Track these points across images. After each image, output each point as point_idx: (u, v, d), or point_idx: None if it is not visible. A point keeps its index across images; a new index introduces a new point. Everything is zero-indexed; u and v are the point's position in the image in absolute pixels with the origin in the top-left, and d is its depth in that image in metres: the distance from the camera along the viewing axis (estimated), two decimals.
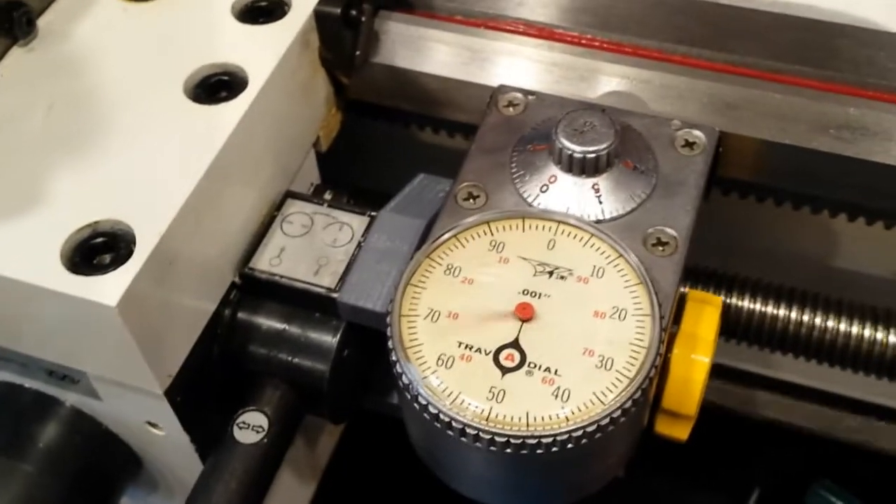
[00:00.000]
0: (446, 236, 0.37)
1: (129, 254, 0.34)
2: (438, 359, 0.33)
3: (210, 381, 0.40)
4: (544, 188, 0.38)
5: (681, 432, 0.39)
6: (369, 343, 0.40)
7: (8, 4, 0.40)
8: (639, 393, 0.32)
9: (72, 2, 0.43)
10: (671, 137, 0.40)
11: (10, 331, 0.38)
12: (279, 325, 0.41)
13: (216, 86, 0.40)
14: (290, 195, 0.43)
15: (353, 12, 0.43)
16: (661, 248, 0.37)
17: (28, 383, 0.42)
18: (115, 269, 0.34)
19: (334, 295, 0.39)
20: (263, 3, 0.43)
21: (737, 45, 0.43)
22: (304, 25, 0.42)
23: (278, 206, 0.42)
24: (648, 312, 0.34)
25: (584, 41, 0.45)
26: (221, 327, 0.40)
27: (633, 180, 0.38)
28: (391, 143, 0.51)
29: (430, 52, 0.45)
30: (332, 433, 0.57)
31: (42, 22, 0.42)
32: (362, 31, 0.44)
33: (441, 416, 0.32)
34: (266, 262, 0.41)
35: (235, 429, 0.40)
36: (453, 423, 0.32)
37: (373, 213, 0.42)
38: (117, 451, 0.43)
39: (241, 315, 0.41)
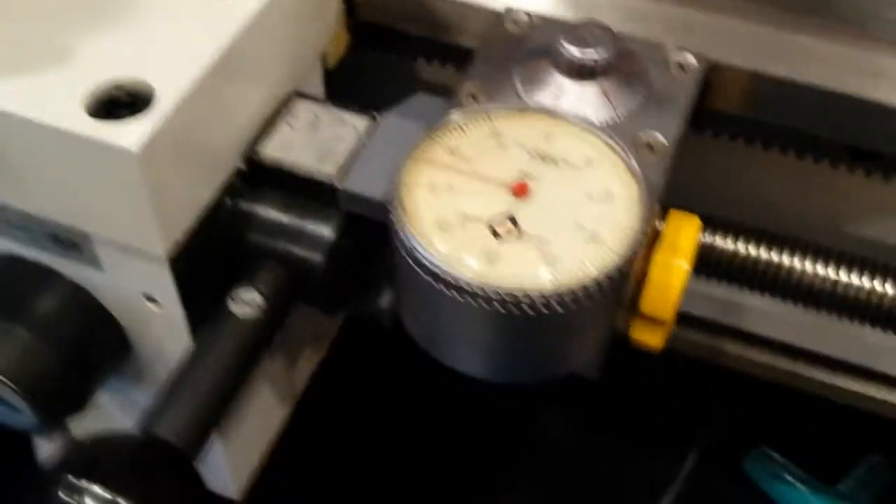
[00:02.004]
0: (449, 120, 0.39)
1: (148, 108, 0.36)
2: (437, 224, 0.35)
3: (209, 261, 0.42)
4: (548, 93, 0.40)
5: (656, 339, 0.41)
6: (365, 238, 0.42)
7: None
8: (624, 265, 0.34)
9: None
10: (664, 60, 0.42)
11: (21, 184, 0.39)
12: (279, 212, 0.42)
13: None
14: (296, 94, 0.45)
15: None
16: (649, 150, 0.39)
17: (29, 253, 0.43)
18: (135, 119, 0.36)
19: (336, 183, 0.41)
20: None
21: None
22: None
23: (285, 104, 0.44)
24: (637, 198, 0.36)
25: None
26: (224, 210, 0.42)
27: (628, 90, 0.40)
28: (396, 74, 0.53)
29: None
30: (311, 358, 0.58)
31: None
32: None
33: (440, 274, 0.34)
34: (271, 150, 0.42)
35: (230, 302, 0.41)
36: (451, 282, 0.34)
37: (376, 115, 0.44)
38: (111, 331, 0.44)
39: (243, 200, 0.42)
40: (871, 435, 0.65)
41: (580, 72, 0.40)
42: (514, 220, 0.35)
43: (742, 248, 0.43)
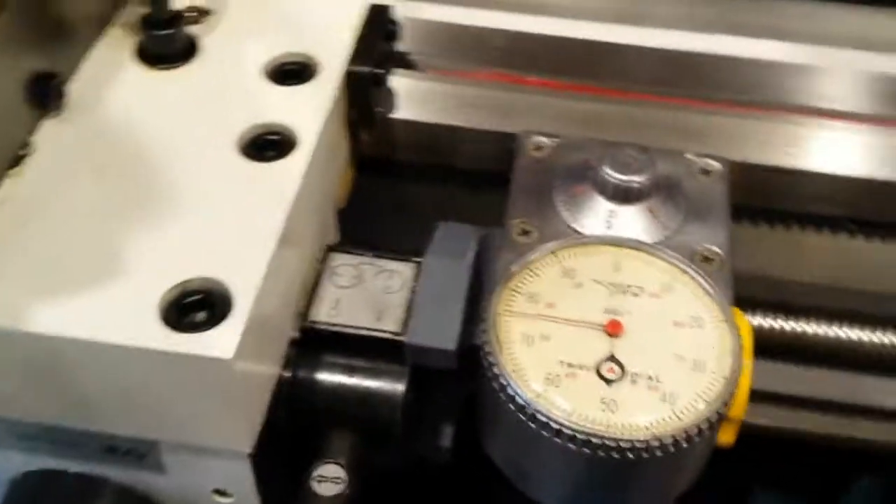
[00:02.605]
0: (517, 268, 0.39)
1: (228, 308, 0.34)
2: (546, 378, 0.35)
3: (278, 441, 0.40)
4: (594, 219, 0.41)
5: (728, 437, 0.42)
6: (422, 384, 0.41)
7: (42, 75, 0.40)
8: (733, 391, 0.35)
9: (96, 71, 0.43)
10: (688, 167, 0.44)
11: (85, 405, 0.36)
12: (344, 377, 0.41)
13: (265, 145, 0.40)
14: (331, 249, 0.44)
15: (380, 71, 0.45)
16: (708, 263, 0.40)
17: (74, 466, 0.40)
18: (218, 323, 0.34)
19: (402, 338, 0.40)
20: (293, 66, 0.44)
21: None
22: (338, 85, 0.43)
23: (322, 261, 0.43)
24: (723, 318, 0.37)
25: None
26: (285, 385, 0.40)
27: (671, 205, 0.41)
28: (395, 199, 0.53)
29: (440, 104, 0.48)
30: None
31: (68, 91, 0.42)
32: (384, 89, 0.46)
33: (563, 430, 0.34)
34: (325, 314, 0.41)
35: (314, 483, 0.39)
36: (577, 436, 0.34)
37: (417, 259, 0.43)
38: None
39: (301, 371, 0.41)
40: (858, 462, 0.68)
41: (627, 195, 0.41)
42: (617, 361, 0.36)
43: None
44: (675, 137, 0.46)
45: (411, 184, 0.50)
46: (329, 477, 0.39)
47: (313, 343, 0.41)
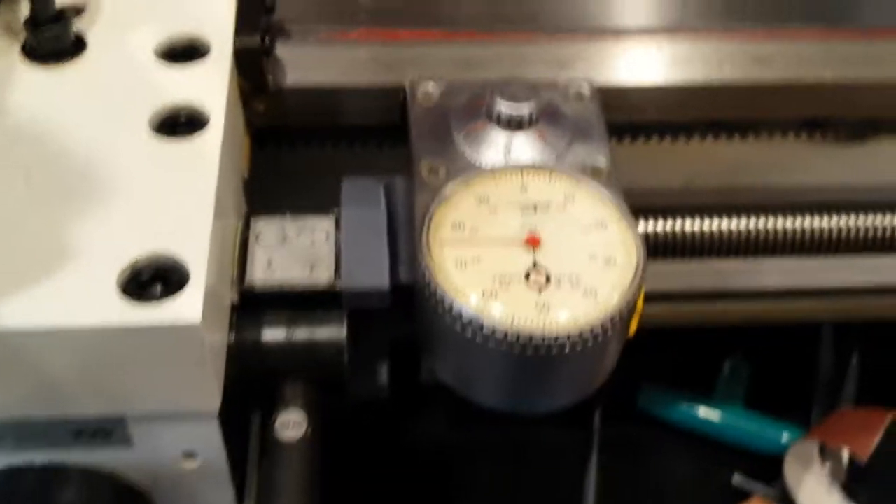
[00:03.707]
0: (436, 203, 0.42)
1: (183, 278, 0.36)
2: (483, 294, 0.39)
3: (234, 399, 0.42)
4: (493, 150, 0.45)
5: (633, 327, 0.47)
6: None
7: None
8: (643, 280, 0.40)
9: None
10: (563, 93, 0.48)
11: (53, 392, 0.37)
12: (287, 331, 0.43)
13: (176, 124, 0.42)
14: (251, 215, 0.46)
15: (267, 41, 0.47)
16: (598, 175, 0.45)
17: (40, 456, 0.41)
18: (176, 293, 0.36)
19: (337, 285, 0.43)
20: (183, 46, 0.45)
21: None
22: (231, 60, 0.45)
23: (245, 227, 0.45)
24: (622, 218, 0.42)
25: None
26: (235, 346, 0.42)
27: (558, 128, 0.46)
28: (294, 164, 0.55)
29: (326, 67, 0.50)
30: None
31: None
32: (271, 59, 0.48)
33: (507, 335, 0.38)
34: (261, 276, 0.43)
35: (278, 431, 0.42)
36: (519, 338, 0.38)
37: (335, 213, 0.46)
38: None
39: (248, 332, 0.43)
40: (720, 343, 0.76)
41: (519, 124, 0.45)
42: (541, 269, 0.40)
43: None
44: (544, 69, 0.51)
45: (307, 147, 0.53)
46: (290, 423, 0.42)
47: (253, 304, 0.43)
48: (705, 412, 0.75)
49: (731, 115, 0.55)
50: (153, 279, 0.37)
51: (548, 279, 0.40)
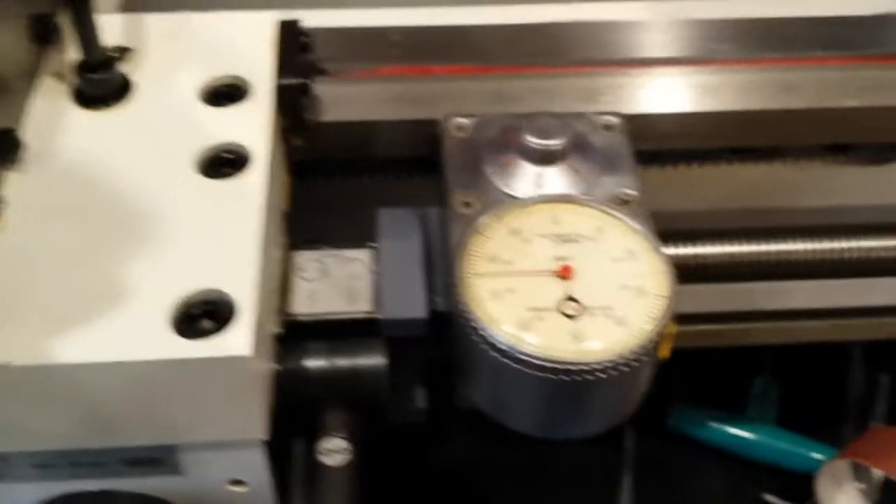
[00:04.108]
0: (470, 235, 0.44)
1: (231, 313, 0.38)
2: (517, 324, 0.40)
3: (277, 426, 0.44)
4: (524, 183, 0.46)
5: (666, 351, 0.48)
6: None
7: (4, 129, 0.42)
8: (673, 309, 0.42)
9: (41, 120, 0.45)
10: (592, 125, 0.50)
11: (112, 424, 0.39)
12: (329, 360, 0.45)
13: (221, 163, 0.44)
14: (292, 248, 0.47)
15: (306, 80, 0.49)
16: (627, 206, 0.46)
17: (93, 485, 0.42)
18: (226, 327, 0.38)
19: (376, 315, 0.45)
20: (226, 88, 0.47)
21: None
22: (272, 99, 0.47)
23: (287, 261, 0.47)
24: (651, 248, 0.43)
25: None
26: (277, 376, 0.44)
27: (588, 160, 0.47)
28: (332, 196, 0.57)
29: (361, 103, 0.52)
30: None
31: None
32: (310, 97, 0.50)
33: (541, 363, 0.39)
34: (304, 307, 0.45)
35: (322, 457, 0.44)
36: (553, 366, 0.39)
37: (372, 245, 0.47)
38: None
39: (291, 361, 0.45)
40: (750, 362, 0.77)
41: (550, 157, 0.46)
42: (574, 300, 0.41)
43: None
44: (573, 101, 0.52)
45: (343, 179, 0.55)
46: (334, 449, 0.44)
47: (296, 334, 0.45)
48: (736, 431, 0.76)
49: (757, 142, 0.56)
50: (204, 314, 0.38)
51: (581, 309, 0.41)
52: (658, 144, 0.54)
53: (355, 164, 0.54)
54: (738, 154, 0.57)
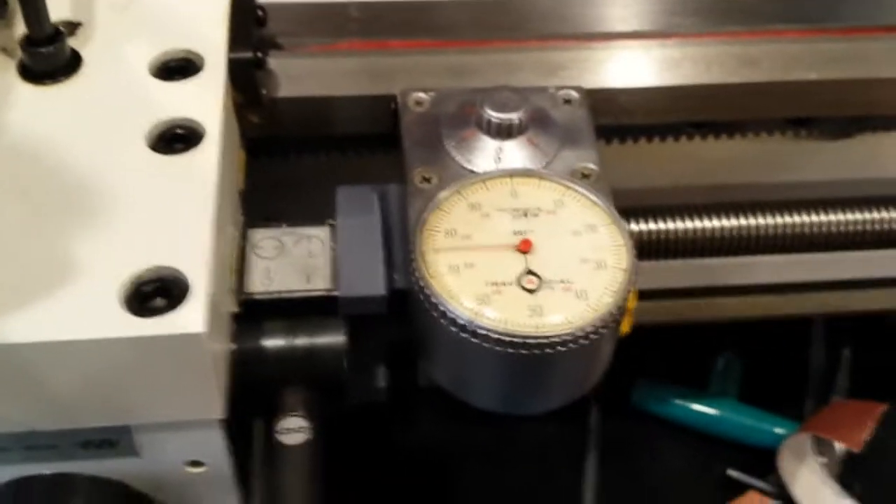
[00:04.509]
0: (429, 210, 0.43)
1: (185, 290, 0.37)
2: (477, 299, 0.40)
3: (236, 406, 0.43)
4: (484, 157, 0.46)
5: (626, 326, 0.48)
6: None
7: None
8: (635, 281, 0.41)
9: None
10: (552, 99, 0.49)
11: (64, 405, 0.38)
12: (287, 339, 0.44)
13: (173, 138, 0.43)
14: (248, 226, 0.47)
15: (260, 54, 0.48)
16: (587, 178, 0.46)
17: (48, 468, 0.41)
18: (179, 305, 0.37)
19: (335, 293, 0.44)
20: (178, 62, 0.46)
21: None
22: (225, 73, 0.46)
23: (243, 238, 0.46)
24: (612, 221, 0.43)
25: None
26: (234, 355, 0.43)
27: (546, 134, 0.47)
28: (288, 173, 0.56)
29: (318, 78, 0.51)
30: None
31: None
32: (264, 72, 0.49)
33: (501, 338, 0.39)
34: (260, 285, 0.44)
35: (280, 436, 0.43)
36: (513, 340, 0.39)
37: (330, 222, 0.47)
38: None
39: (248, 340, 0.44)
40: (711, 339, 0.77)
41: (509, 131, 0.46)
42: (534, 273, 0.41)
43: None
44: (533, 75, 0.52)
45: (300, 157, 0.54)
46: (292, 428, 0.43)
47: (253, 313, 0.44)
48: (699, 407, 0.76)
49: (719, 116, 0.56)
50: (156, 292, 0.37)
51: (540, 283, 0.41)
52: (618, 119, 0.53)
53: (312, 141, 0.53)
54: (699, 129, 0.57)
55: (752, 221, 0.57)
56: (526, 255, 0.42)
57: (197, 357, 0.37)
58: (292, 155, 0.54)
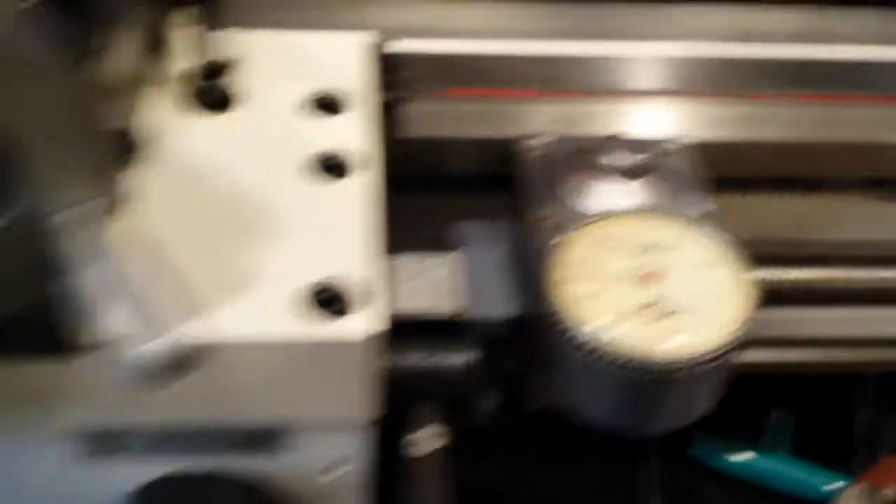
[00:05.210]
0: (556, 244, 0.47)
1: (352, 300, 0.41)
2: (604, 325, 0.44)
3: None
4: (602, 198, 0.50)
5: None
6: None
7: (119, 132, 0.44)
8: (752, 316, 0.45)
9: (152, 123, 0.48)
10: (663, 149, 0.54)
11: (232, 399, 0.41)
12: (422, 356, 0.48)
13: (329, 167, 0.47)
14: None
15: (396, 97, 0.52)
16: (706, 219, 0.50)
17: (202, 463, 0.44)
18: (348, 313, 0.40)
19: (466, 316, 0.48)
20: (327, 100, 0.50)
21: None
22: (371, 111, 0.50)
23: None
24: (731, 258, 0.47)
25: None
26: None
27: (661, 179, 0.51)
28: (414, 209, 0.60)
29: (440, 122, 0.56)
30: None
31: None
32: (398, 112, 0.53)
33: (628, 362, 0.42)
34: (398, 306, 0.48)
35: (410, 450, 0.46)
36: (639, 365, 0.42)
37: (457, 252, 0.51)
38: None
39: (388, 355, 0.47)
40: (767, 396, 0.80)
41: (629, 174, 0.50)
42: (657, 303, 0.45)
43: None
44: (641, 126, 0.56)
45: (426, 194, 0.58)
46: (425, 440, 0.46)
47: (393, 332, 0.47)
48: (755, 461, 0.79)
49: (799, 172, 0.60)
50: (325, 301, 0.41)
51: (664, 312, 0.44)
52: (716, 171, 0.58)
53: (431, 179, 0.57)
54: (777, 184, 0.61)
55: (807, 274, 0.60)
56: (650, 286, 0.45)
57: (359, 362, 0.40)
58: (417, 191, 0.57)
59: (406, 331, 0.48)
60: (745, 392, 0.76)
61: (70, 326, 0.37)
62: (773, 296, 0.60)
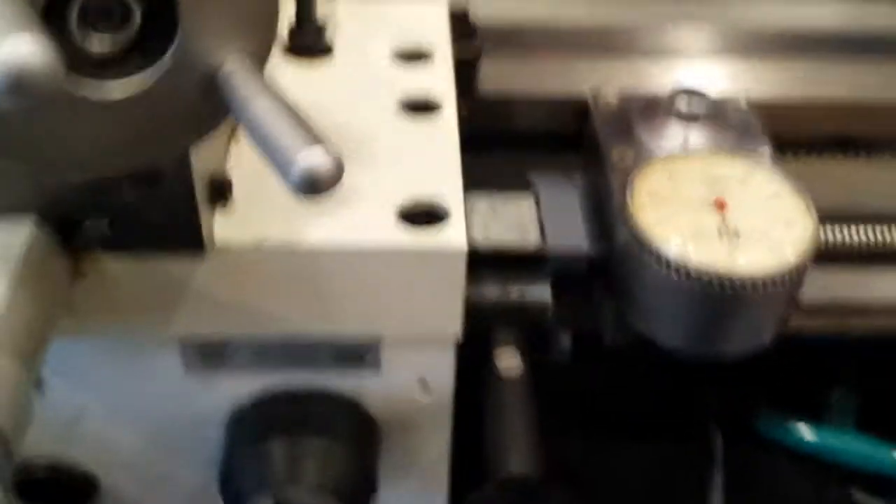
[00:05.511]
0: (633, 177, 0.50)
1: (446, 215, 0.44)
2: (682, 241, 0.46)
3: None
4: (673, 141, 0.53)
5: None
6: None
7: None
8: (817, 241, 0.47)
9: None
10: (729, 104, 0.56)
11: (332, 310, 0.45)
12: (502, 288, 0.51)
13: (419, 107, 0.51)
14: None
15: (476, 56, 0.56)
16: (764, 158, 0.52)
17: (300, 377, 0.47)
18: (443, 228, 0.44)
19: (545, 250, 0.51)
20: (413, 51, 0.54)
21: None
22: (451, 63, 0.54)
23: None
24: (796, 190, 0.49)
25: None
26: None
27: (725, 126, 0.54)
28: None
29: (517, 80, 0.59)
30: None
31: None
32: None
33: (704, 277, 0.45)
34: (482, 239, 0.51)
35: (498, 370, 0.49)
36: (715, 280, 0.45)
37: (536, 191, 0.54)
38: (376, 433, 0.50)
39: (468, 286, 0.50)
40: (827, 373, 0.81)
41: (696, 118, 0.53)
42: (730, 225, 0.47)
43: None
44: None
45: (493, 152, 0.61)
46: (510, 365, 0.49)
47: (473, 262, 0.51)
48: (818, 435, 0.80)
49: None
50: (421, 216, 0.44)
51: (737, 233, 0.47)
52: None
53: (507, 134, 0.60)
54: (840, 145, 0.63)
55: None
56: (721, 212, 0.48)
57: (454, 273, 0.43)
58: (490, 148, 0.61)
59: (486, 262, 0.51)
60: (807, 368, 0.78)
61: (207, 225, 0.40)
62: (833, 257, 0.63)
